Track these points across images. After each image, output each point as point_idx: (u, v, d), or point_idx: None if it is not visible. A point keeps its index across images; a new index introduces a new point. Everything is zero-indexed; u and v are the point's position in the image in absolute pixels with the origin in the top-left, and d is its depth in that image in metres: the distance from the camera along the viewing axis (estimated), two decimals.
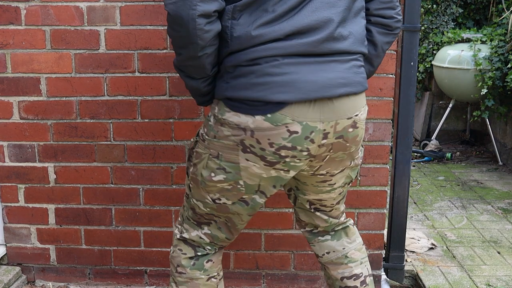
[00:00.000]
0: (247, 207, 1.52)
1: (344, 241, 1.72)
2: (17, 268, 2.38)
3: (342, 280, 1.70)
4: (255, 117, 1.34)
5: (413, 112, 2.21)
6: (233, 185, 1.46)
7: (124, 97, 2.19)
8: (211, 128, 1.45)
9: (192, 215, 1.62)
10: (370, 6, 1.49)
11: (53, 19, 2.11)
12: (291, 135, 1.35)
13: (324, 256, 1.73)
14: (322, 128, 1.37)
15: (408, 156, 2.25)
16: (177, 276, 1.66)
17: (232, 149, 1.41)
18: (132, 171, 2.26)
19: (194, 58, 1.36)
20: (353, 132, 1.44)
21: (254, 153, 1.38)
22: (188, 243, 1.65)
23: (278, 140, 1.35)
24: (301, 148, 1.37)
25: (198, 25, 1.28)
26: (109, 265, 2.38)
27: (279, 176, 1.44)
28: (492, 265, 2.60)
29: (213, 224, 1.61)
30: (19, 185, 2.30)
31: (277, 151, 1.37)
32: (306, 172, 1.51)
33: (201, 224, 1.62)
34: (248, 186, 1.46)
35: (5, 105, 2.21)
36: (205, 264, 1.64)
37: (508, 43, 4.11)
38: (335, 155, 1.47)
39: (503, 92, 4.19)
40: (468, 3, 5.06)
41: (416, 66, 2.18)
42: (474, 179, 4.08)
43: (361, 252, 1.73)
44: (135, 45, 2.13)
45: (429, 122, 5.20)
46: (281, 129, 1.34)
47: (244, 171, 1.42)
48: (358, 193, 2.22)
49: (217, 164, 1.45)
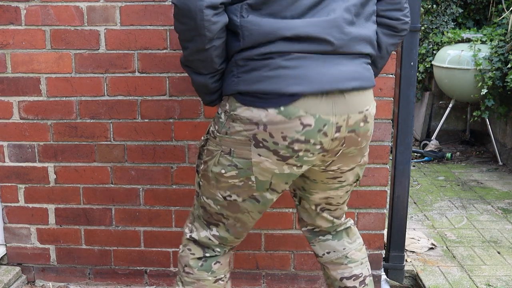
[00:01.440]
0: (258, 204, 1.51)
1: (345, 241, 1.72)
2: (17, 268, 2.38)
3: (342, 281, 1.70)
4: (268, 111, 1.34)
5: (413, 112, 2.21)
6: (244, 181, 1.45)
7: (124, 97, 2.19)
8: (222, 125, 1.44)
9: (203, 213, 1.61)
10: (377, 7, 1.49)
11: (53, 19, 2.11)
12: (304, 128, 1.34)
13: (324, 256, 1.73)
14: (334, 121, 1.37)
15: (408, 156, 2.25)
16: (184, 275, 1.65)
17: (244, 145, 1.40)
18: (132, 171, 2.26)
19: (202, 51, 1.36)
20: (364, 127, 1.45)
21: (267, 148, 1.38)
22: (197, 243, 1.64)
23: (291, 133, 1.35)
24: (314, 141, 1.37)
25: (206, 16, 1.29)
26: (109, 265, 2.38)
27: (291, 172, 1.43)
28: (492, 265, 2.60)
29: (222, 226, 1.59)
30: (19, 185, 2.30)
31: (290, 144, 1.36)
32: (317, 168, 1.50)
33: (210, 224, 1.61)
34: (260, 183, 1.44)
35: (5, 105, 2.21)
36: (213, 265, 1.63)
37: (508, 43, 4.11)
38: (348, 151, 1.47)
39: (503, 92, 4.19)
40: (468, 3, 5.06)
41: (416, 66, 2.18)
42: (474, 179, 4.08)
43: (361, 252, 1.73)
44: (135, 45, 2.13)
45: (429, 122, 5.20)
46: (294, 122, 1.34)
47: (256, 166, 1.41)
48: (358, 193, 2.22)
49: (229, 160, 1.44)
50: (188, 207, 2.28)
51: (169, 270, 2.36)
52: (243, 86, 1.36)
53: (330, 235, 1.72)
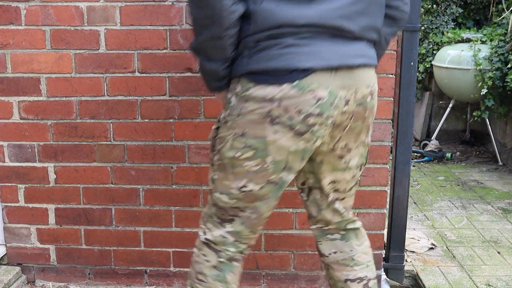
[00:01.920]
0: (275, 187, 1.50)
1: (353, 243, 1.70)
2: (17, 268, 2.38)
3: (346, 282, 1.68)
4: (282, 86, 1.35)
5: (413, 112, 2.21)
6: (260, 165, 1.44)
7: (124, 97, 2.19)
8: (233, 108, 1.43)
9: (216, 211, 1.58)
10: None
11: (53, 19, 2.11)
12: (317, 102, 1.37)
13: (331, 255, 1.71)
14: (343, 95, 1.40)
15: (408, 156, 2.25)
16: (196, 282, 1.62)
17: (258, 123, 1.39)
18: (132, 171, 2.26)
19: (217, 38, 1.36)
20: (371, 101, 1.49)
21: (282, 123, 1.38)
22: (211, 248, 1.61)
23: (306, 107, 1.36)
24: (327, 114, 1.39)
25: (225, 5, 1.30)
26: (109, 265, 2.38)
27: (306, 148, 1.44)
28: (492, 265, 2.60)
29: (236, 220, 1.57)
30: (19, 185, 2.30)
31: (305, 119, 1.38)
32: (326, 146, 1.51)
33: (224, 222, 1.58)
34: (276, 163, 1.44)
35: (5, 105, 2.21)
36: (227, 277, 1.61)
37: (508, 43, 4.11)
38: (355, 125, 1.49)
39: (503, 92, 4.19)
40: (468, 3, 5.06)
41: (416, 66, 2.18)
42: (474, 179, 4.08)
43: (368, 255, 1.72)
44: (135, 45, 2.13)
45: (429, 122, 5.20)
46: (308, 95, 1.36)
47: (271, 145, 1.41)
48: (358, 193, 2.22)
49: (242, 142, 1.43)
50: (188, 207, 2.28)
51: (169, 270, 2.36)
52: (255, 65, 1.37)
53: (338, 235, 1.70)
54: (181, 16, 2.09)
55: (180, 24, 2.10)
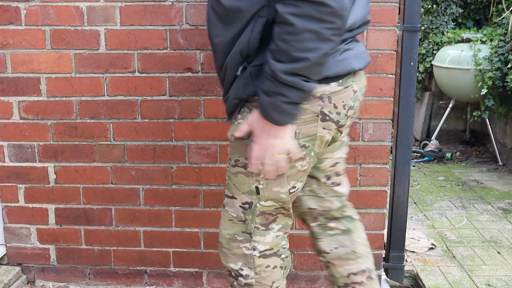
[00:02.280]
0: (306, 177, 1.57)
1: (353, 235, 1.71)
2: (17, 268, 2.38)
3: (349, 277, 1.69)
4: (331, 84, 1.41)
5: (413, 112, 2.21)
6: (309, 162, 1.48)
7: (124, 97, 2.19)
8: None
9: (261, 220, 1.54)
10: None
11: (53, 19, 2.11)
12: (354, 95, 1.47)
13: (332, 251, 1.70)
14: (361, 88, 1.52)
15: (408, 156, 2.25)
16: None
17: (311, 122, 1.42)
18: (132, 171, 2.26)
19: (331, 53, 1.30)
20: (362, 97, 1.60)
21: (332, 120, 1.43)
22: (269, 256, 1.57)
23: (348, 100, 1.45)
24: (357, 106, 1.51)
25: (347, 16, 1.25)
26: (109, 265, 2.38)
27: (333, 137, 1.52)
28: (492, 265, 2.60)
29: (279, 216, 1.56)
30: (19, 185, 2.30)
31: (347, 111, 1.46)
32: None
33: (269, 224, 1.56)
34: (316, 155, 1.50)
35: (5, 105, 2.21)
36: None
37: (508, 43, 4.11)
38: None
39: (503, 92, 4.19)
40: (468, 3, 5.06)
41: (416, 66, 2.18)
42: (474, 179, 4.08)
43: (366, 246, 1.74)
44: (135, 45, 2.13)
45: (429, 122, 5.20)
46: (349, 90, 1.45)
47: (318, 140, 1.45)
48: (358, 193, 2.22)
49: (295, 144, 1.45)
50: (188, 207, 2.28)
51: (169, 270, 2.36)
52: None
53: (338, 230, 1.71)
54: (181, 16, 2.09)
55: (180, 24, 2.10)
